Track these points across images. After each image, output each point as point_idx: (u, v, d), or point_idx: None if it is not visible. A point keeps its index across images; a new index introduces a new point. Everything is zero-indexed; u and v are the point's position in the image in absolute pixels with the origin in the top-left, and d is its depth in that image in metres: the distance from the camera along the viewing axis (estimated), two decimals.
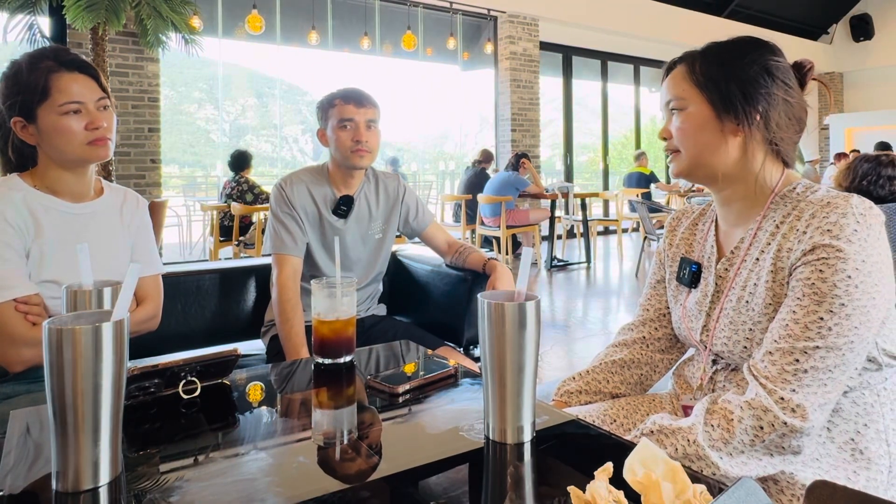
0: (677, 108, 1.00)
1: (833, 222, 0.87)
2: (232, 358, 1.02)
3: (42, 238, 1.30)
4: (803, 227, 0.90)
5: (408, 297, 2.11)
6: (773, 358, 0.87)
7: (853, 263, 0.85)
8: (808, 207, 0.92)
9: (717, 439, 0.86)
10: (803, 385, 0.84)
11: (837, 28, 12.55)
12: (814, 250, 0.87)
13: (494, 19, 8.00)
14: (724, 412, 0.88)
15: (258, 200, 5.43)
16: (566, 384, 1.18)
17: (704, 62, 0.98)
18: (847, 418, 0.94)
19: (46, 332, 0.65)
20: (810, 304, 0.86)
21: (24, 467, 0.76)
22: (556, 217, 6.60)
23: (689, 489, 0.54)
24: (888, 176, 2.56)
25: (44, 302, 1.28)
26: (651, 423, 0.92)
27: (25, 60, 1.29)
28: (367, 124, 1.73)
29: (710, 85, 0.97)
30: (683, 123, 0.99)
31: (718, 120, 0.97)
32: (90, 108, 1.30)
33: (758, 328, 0.95)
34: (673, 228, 1.19)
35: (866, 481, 0.91)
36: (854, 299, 0.84)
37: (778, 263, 0.93)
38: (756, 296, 0.96)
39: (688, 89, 0.99)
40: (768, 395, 0.85)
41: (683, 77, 1.00)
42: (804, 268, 0.88)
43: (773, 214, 0.97)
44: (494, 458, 0.77)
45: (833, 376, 0.85)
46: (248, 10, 6.20)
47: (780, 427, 0.83)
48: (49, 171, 1.33)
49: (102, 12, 4.55)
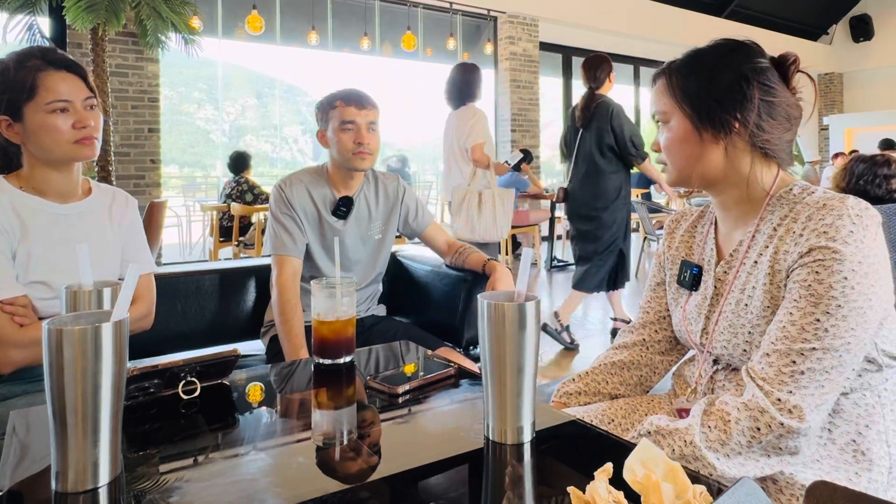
0: (662, 122, 1.03)
1: (829, 224, 0.87)
2: (232, 358, 1.02)
3: (29, 239, 1.30)
4: (800, 230, 0.90)
5: (407, 297, 2.11)
6: (770, 360, 0.88)
7: (849, 265, 0.85)
8: (804, 209, 0.92)
9: (713, 440, 0.86)
10: (800, 386, 0.84)
11: (837, 28, 12.55)
12: (810, 252, 0.87)
13: (494, 20, 8.00)
14: (720, 413, 0.88)
15: (258, 201, 5.43)
16: (566, 385, 1.18)
17: (680, 75, 0.99)
18: (848, 420, 0.93)
19: (46, 332, 0.65)
20: (807, 305, 0.86)
21: (24, 468, 0.76)
22: (556, 217, 6.60)
23: (689, 490, 0.54)
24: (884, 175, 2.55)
25: (32, 303, 1.28)
26: (648, 423, 0.92)
27: (13, 59, 1.29)
28: (369, 126, 1.73)
29: (686, 99, 0.98)
30: (667, 137, 1.02)
31: (697, 131, 0.98)
32: (77, 106, 1.30)
33: (756, 331, 0.95)
34: (672, 231, 1.19)
35: (867, 483, 0.91)
36: (850, 301, 0.84)
37: (775, 266, 0.93)
38: (754, 298, 0.96)
39: (668, 103, 1.01)
40: (765, 396, 0.85)
41: (664, 91, 1.01)
42: (801, 270, 0.88)
43: (770, 217, 0.97)
44: (494, 459, 0.77)
45: (830, 377, 0.85)
46: (247, 11, 6.20)
47: (777, 428, 0.83)
48: (35, 172, 1.33)
49: (102, 13, 4.54)
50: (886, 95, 12.04)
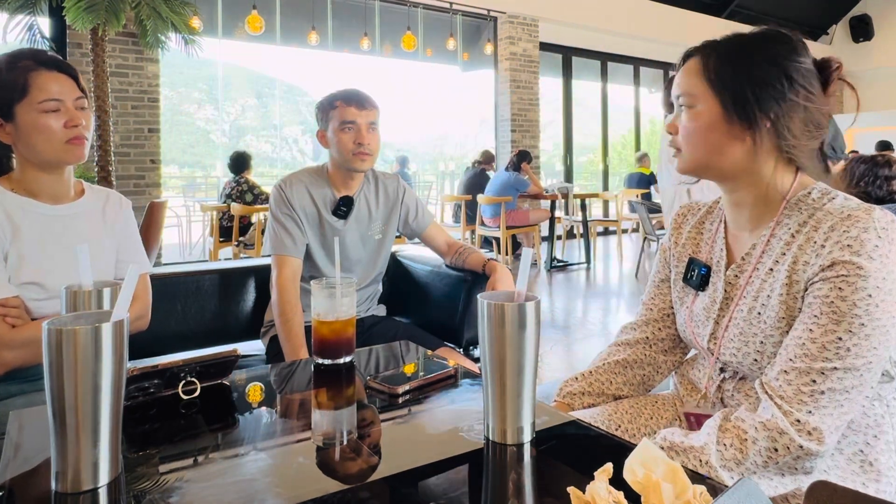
0: (686, 105, 0.95)
1: (854, 237, 0.83)
2: (232, 358, 1.02)
3: (20, 241, 1.30)
4: (822, 241, 0.86)
5: (407, 297, 2.11)
6: (789, 377, 0.84)
7: (874, 282, 0.81)
8: (826, 218, 0.87)
9: (729, 459, 0.84)
10: (820, 407, 0.82)
11: (837, 29, 12.55)
12: (833, 266, 0.84)
13: (494, 20, 8.00)
14: (737, 431, 0.85)
15: (258, 201, 5.43)
16: (568, 385, 1.15)
17: (720, 59, 0.92)
18: (856, 430, 0.92)
19: (46, 332, 0.65)
20: (828, 322, 0.83)
21: (24, 468, 0.76)
22: (556, 218, 6.60)
23: (689, 490, 0.53)
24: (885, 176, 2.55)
25: (25, 304, 1.29)
26: (661, 438, 0.90)
27: (4, 60, 1.30)
28: (369, 127, 1.73)
29: (723, 84, 0.91)
30: (690, 122, 0.95)
31: (727, 122, 0.91)
32: (69, 106, 1.30)
33: (769, 341, 0.92)
34: (678, 226, 1.15)
35: (875, 493, 0.89)
36: (874, 319, 0.81)
37: (793, 276, 0.89)
38: (769, 308, 0.92)
39: (699, 85, 0.94)
40: (784, 416, 0.83)
41: (697, 72, 0.94)
42: (822, 284, 0.84)
43: (788, 221, 0.93)
44: (494, 459, 0.77)
45: (850, 397, 0.82)
46: (247, 11, 6.19)
47: (796, 450, 0.81)
48: (26, 174, 1.34)
49: (102, 13, 4.55)
50: (886, 95, 12.03)
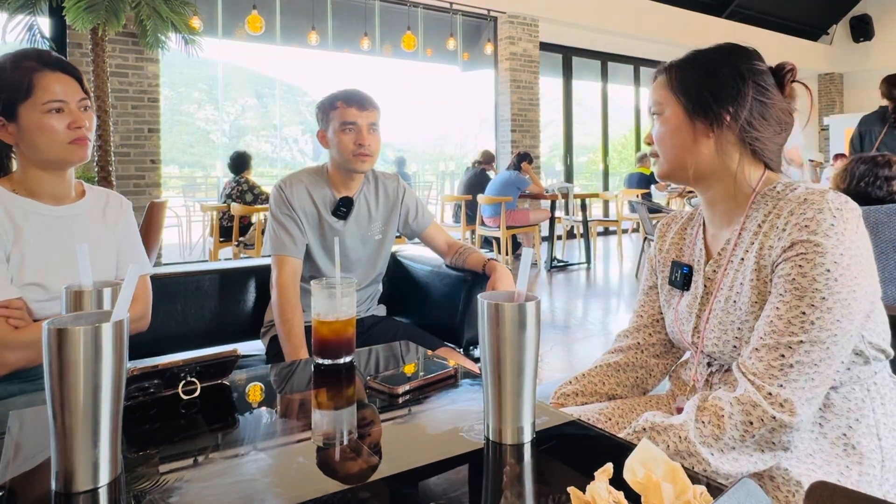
0: (656, 114, 1.05)
1: (810, 218, 0.89)
2: (232, 358, 1.02)
3: (22, 241, 1.30)
4: (782, 225, 0.92)
5: (407, 297, 2.11)
6: (760, 354, 0.89)
7: (831, 257, 0.87)
8: (786, 205, 0.94)
9: (707, 435, 0.87)
10: (790, 380, 0.86)
11: (837, 29, 12.55)
12: (793, 246, 0.89)
13: (494, 20, 8.00)
14: (714, 408, 0.89)
15: (258, 201, 5.43)
16: (563, 387, 1.19)
17: (681, 69, 1.03)
18: (838, 414, 0.95)
19: (46, 332, 0.65)
20: (792, 299, 0.88)
21: (24, 468, 0.76)
22: (556, 218, 6.60)
23: (689, 490, 0.54)
24: (885, 177, 2.54)
25: (27, 305, 1.29)
26: (643, 420, 0.93)
27: (8, 59, 1.30)
28: (370, 128, 1.73)
29: (684, 89, 1.01)
30: (660, 128, 1.04)
31: (690, 122, 1.01)
32: (72, 107, 1.30)
33: (745, 327, 0.97)
34: (663, 234, 1.21)
35: (859, 476, 0.92)
36: (834, 292, 0.86)
37: (761, 262, 0.95)
38: (742, 295, 0.97)
39: (665, 95, 1.04)
40: (756, 390, 0.87)
41: (663, 84, 1.05)
42: (784, 264, 0.90)
43: (756, 214, 0.99)
44: (494, 459, 0.77)
45: (819, 370, 0.86)
46: (247, 11, 6.20)
47: (770, 422, 0.85)
48: (28, 174, 1.34)
49: (102, 13, 4.55)
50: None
